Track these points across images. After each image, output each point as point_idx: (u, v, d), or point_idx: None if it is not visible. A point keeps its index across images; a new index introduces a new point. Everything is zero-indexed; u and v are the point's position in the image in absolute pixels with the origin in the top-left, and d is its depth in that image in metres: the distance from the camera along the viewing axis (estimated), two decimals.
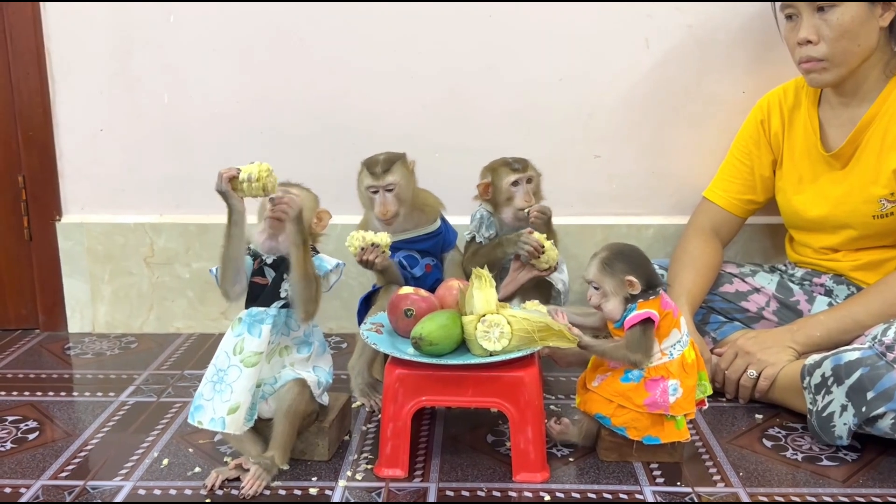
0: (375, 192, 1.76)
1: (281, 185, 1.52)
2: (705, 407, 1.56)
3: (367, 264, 1.70)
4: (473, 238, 1.85)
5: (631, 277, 1.46)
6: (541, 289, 1.82)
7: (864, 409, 1.47)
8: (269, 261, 1.50)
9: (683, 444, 1.52)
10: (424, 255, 1.84)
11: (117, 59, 2.15)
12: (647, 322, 1.45)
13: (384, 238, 1.69)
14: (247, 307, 1.50)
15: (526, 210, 1.78)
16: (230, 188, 1.43)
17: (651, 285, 1.48)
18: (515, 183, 1.79)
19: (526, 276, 1.75)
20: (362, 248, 1.67)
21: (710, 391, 1.55)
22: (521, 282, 1.76)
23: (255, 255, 1.51)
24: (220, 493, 1.43)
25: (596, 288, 1.49)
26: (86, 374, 2.00)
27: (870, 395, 1.46)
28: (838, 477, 1.47)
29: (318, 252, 1.54)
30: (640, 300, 1.47)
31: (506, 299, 1.74)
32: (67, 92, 2.18)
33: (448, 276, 1.82)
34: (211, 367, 1.49)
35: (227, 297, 1.50)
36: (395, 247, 1.76)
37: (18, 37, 2.13)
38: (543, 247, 1.70)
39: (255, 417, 1.49)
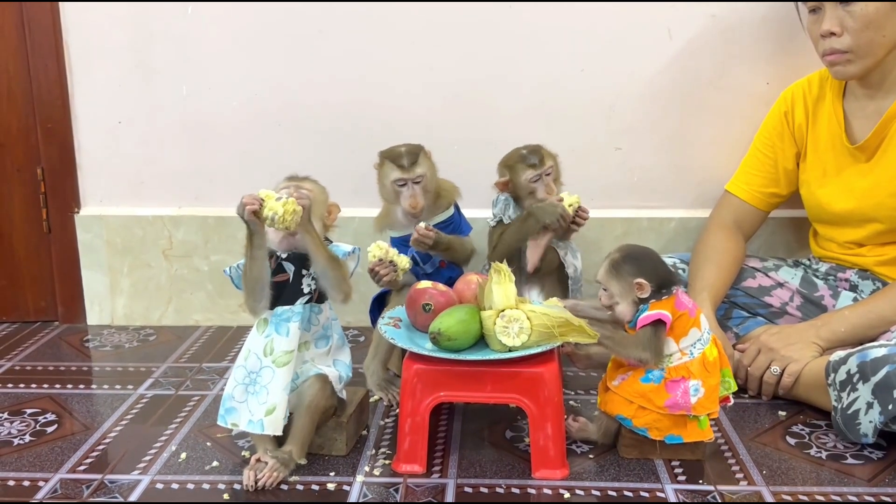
0: (403, 185, 1.74)
1: (290, 178, 1.51)
2: (730, 403, 1.54)
3: (374, 275, 1.71)
4: (501, 221, 1.82)
5: (640, 280, 1.44)
6: (557, 274, 1.82)
7: (890, 407, 1.44)
8: (283, 256, 1.48)
9: (706, 443, 1.50)
10: None
11: (136, 52, 2.15)
12: (658, 323, 1.43)
13: (404, 261, 1.70)
14: (270, 307, 1.48)
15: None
16: (254, 218, 1.40)
17: (664, 285, 1.45)
18: (536, 178, 1.77)
19: (546, 238, 1.76)
20: (380, 260, 1.68)
21: (734, 388, 1.52)
22: (543, 245, 1.75)
23: (270, 254, 1.48)
24: (238, 486, 1.43)
25: (605, 290, 1.48)
26: (104, 367, 2.00)
27: None
28: (863, 476, 1.45)
29: (331, 241, 1.53)
30: (653, 300, 1.44)
31: (535, 271, 1.75)
32: (86, 84, 2.18)
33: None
34: (239, 370, 1.48)
35: (255, 313, 1.48)
36: (408, 239, 1.75)
37: (37, 29, 2.13)
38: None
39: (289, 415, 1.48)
